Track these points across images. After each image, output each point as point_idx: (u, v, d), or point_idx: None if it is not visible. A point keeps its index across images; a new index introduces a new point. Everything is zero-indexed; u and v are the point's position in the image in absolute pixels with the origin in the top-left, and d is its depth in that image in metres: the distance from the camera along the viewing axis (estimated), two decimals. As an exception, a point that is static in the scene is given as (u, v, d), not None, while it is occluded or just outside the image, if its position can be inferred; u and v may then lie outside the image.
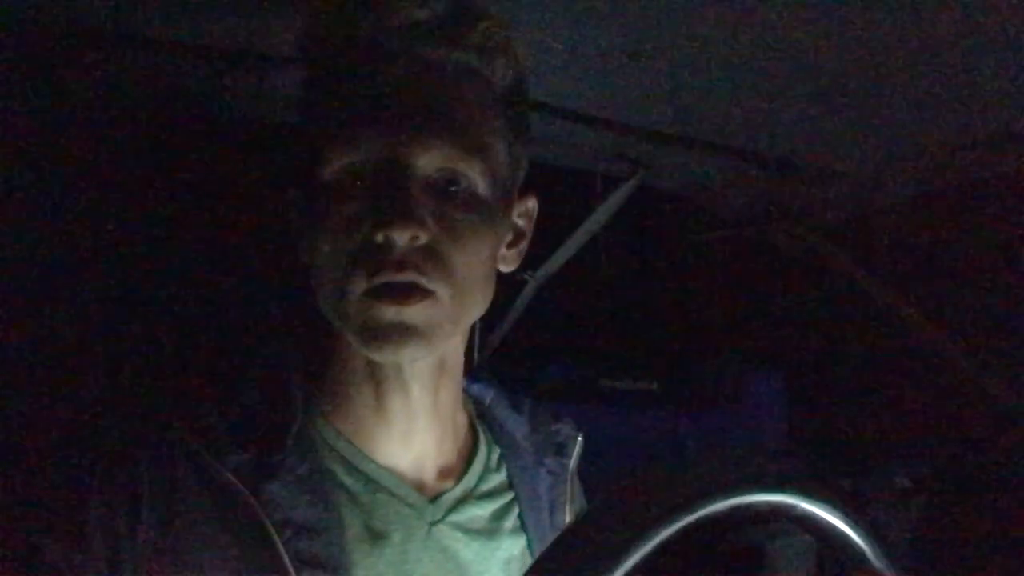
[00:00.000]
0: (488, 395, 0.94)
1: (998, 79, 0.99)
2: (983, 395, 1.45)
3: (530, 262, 1.49)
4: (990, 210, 1.39)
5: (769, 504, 0.54)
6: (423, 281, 0.73)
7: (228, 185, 1.40)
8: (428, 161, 0.74)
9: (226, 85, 1.06)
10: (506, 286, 1.52)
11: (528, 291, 1.52)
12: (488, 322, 1.52)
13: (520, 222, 0.86)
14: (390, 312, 0.73)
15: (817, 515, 0.56)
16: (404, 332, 0.73)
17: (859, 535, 0.57)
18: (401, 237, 0.71)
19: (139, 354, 1.31)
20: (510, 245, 0.85)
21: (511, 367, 1.61)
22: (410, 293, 0.73)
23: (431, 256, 0.73)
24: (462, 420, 0.89)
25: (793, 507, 0.55)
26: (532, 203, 0.87)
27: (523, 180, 0.86)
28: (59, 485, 0.72)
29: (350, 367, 0.81)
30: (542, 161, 1.31)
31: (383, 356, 0.76)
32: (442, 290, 0.74)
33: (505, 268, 0.86)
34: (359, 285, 0.73)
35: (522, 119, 0.83)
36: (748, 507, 0.54)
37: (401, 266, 0.72)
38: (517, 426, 0.92)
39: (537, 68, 0.98)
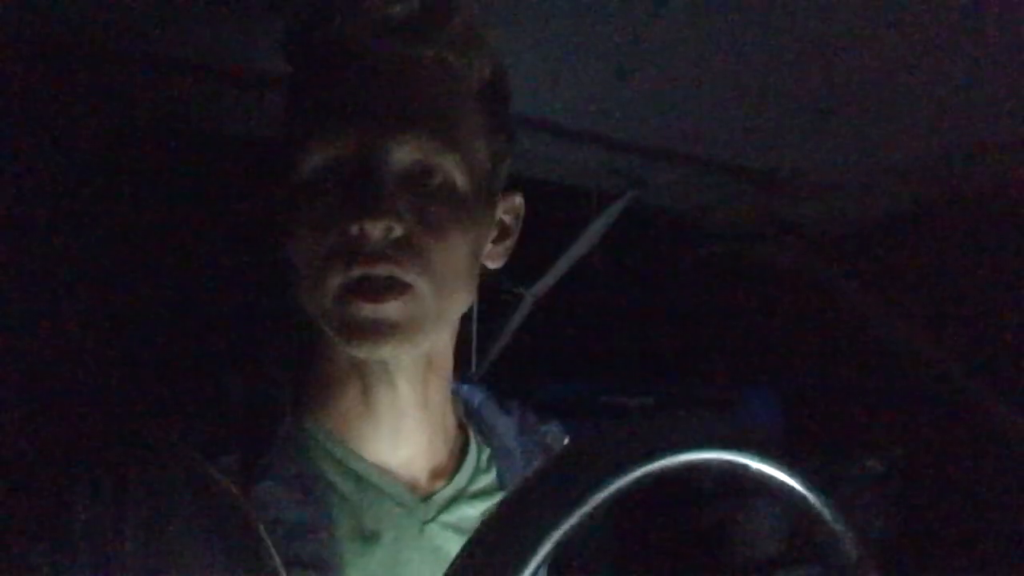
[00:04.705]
0: (477, 397, 0.95)
1: (992, 90, 1.00)
2: (974, 406, 1.46)
3: (526, 278, 1.50)
4: (984, 223, 1.41)
5: (722, 462, 0.55)
6: (399, 273, 0.73)
7: (214, 190, 1.40)
8: (402, 154, 0.74)
9: (215, 99, 1.08)
10: (503, 302, 1.53)
11: (524, 306, 1.53)
12: (485, 337, 1.53)
13: (506, 218, 0.86)
14: (367, 309, 0.73)
15: (772, 476, 0.57)
16: (382, 329, 0.73)
17: (815, 497, 0.58)
18: (374, 229, 0.71)
19: (125, 357, 1.31)
20: (496, 241, 0.85)
21: (508, 382, 1.62)
22: (387, 290, 0.73)
23: (408, 249, 0.73)
24: (452, 420, 0.89)
25: (746, 466, 0.56)
26: (519, 200, 0.87)
27: (508, 178, 0.86)
28: (45, 490, 0.72)
29: (336, 364, 0.81)
30: (537, 178, 1.33)
31: (362, 353, 0.76)
32: (421, 283, 0.74)
33: (492, 265, 0.86)
34: (335, 279, 0.73)
35: (502, 114, 0.83)
36: (702, 464, 0.54)
37: (376, 259, 0.72)
38: (506, 428, 0.93)
39: (528, 86, 0.99)
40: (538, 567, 0.50)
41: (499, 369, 1.61)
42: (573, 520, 0.50)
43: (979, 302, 1.44)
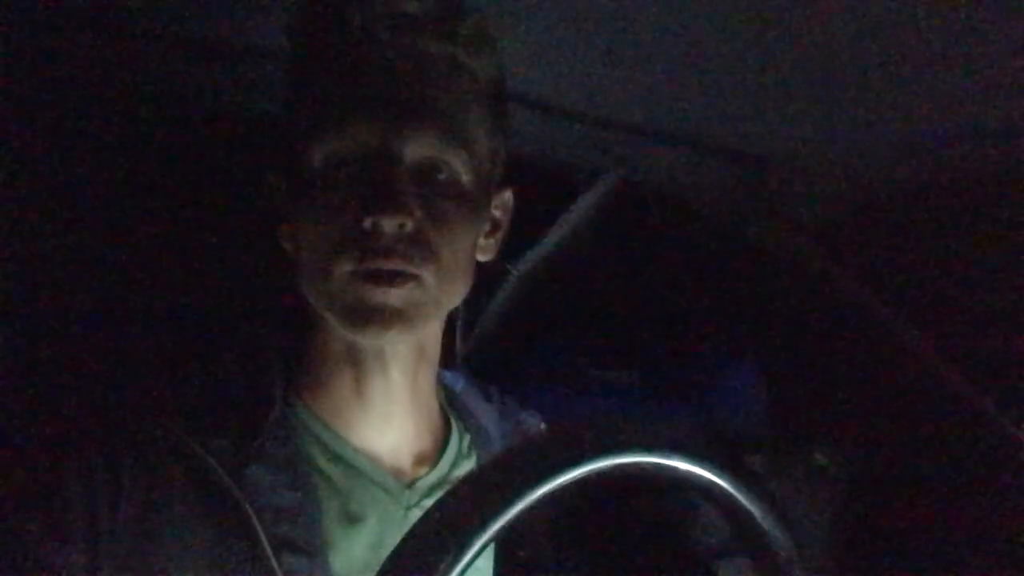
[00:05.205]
0: (459, 383, 0.96)
1: (987, 75, 1.00)
2: (953, 396, 1.47)
3: (513, 254, 1.51)
4: (976, 209, 1.41)
5: (649, 464, 0.56)
6: (409, 268, 0.75)
7: (208, 173, 1.40)
8: (415, 149, 0.76)
9: (209, 76, 1.07)
10: (489, 278, 1.54)
11: (511, 283, 1.54)
12: (471, 313, 1.53)
13: (497, 213, 0.89)
14: (376, 294, 0.74)
15: (700, 476, 0.57)
16: (389, 314, 0.75)
17: (743, 495, 0.58)
18: (389, 224, 0.73)
19: (120, 339, 1.31)
20: (488, 235, 0.88)
21: (495, 356, 1.63)
22: (395, 278, 0.75)
23: (416, 242, 0.75)
24: (436, 407, 0.91)
25: (675, 468, 0.56)
26: (508, 195, 0.90)
27: (501, 173, 0.88)
28: (40, 470, 0.73)
29: (329, 350, 0.83)
30: (524, 156, 1.32)
31: (367, 338, 0.78)
32: (427, 274, 0.76)
33: (483, 257, 0.88)
34: (345, 268, 0.75)
35: (502, 113, 0.86)
36: (630, 467, 0.55)
37: (388, 253, 0.74)
38: (487, 414, 0.95)
39: (518, 64, 0.99)
40: (468, 563, 0.52)
41: (485, 344, 1.62)
42: (501, 521, 0.52)
43: (970, 288, 1.45)
